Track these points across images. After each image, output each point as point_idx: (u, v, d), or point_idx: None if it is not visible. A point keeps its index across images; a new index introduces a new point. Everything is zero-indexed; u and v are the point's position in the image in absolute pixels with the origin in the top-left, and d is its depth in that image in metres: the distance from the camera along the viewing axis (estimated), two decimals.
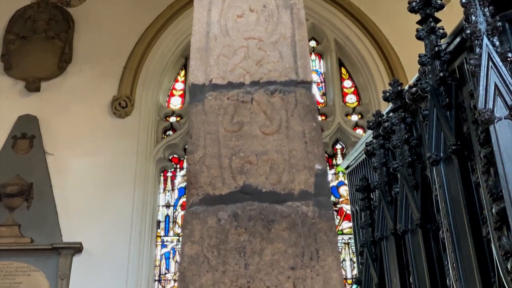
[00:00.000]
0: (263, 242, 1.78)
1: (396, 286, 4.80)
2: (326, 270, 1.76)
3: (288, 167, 1.89)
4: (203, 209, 1.83)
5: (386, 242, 5.04)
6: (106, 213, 10.24)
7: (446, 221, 3.77)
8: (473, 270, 3.43)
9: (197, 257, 1.78)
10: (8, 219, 10.18)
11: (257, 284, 1.72)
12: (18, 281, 9.87)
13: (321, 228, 1.81)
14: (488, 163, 3.20)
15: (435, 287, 4.17)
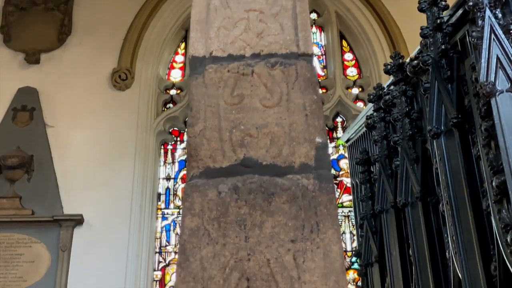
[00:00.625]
0: (263, 215, 1.78)
1: (395, 259, 4.83)
2: (326, 243, 1.76)
3: (288, 140, 1.89)
4: (204, 182, 1.83)
5: (386, 215, 5.05)
6: (106, 185, 10.26)
7: (446, 194, 3.77)
8: (473, 243, 3.44)
9: (197, 229, 1.78)
10: (9, 191, 10.20)
11: (257, 256, 1.73)
12: (19, 252, 9.92)
13: (322, 201, 1.81)
14: (489, 136, 3.19)
15: (435, 260, 4.19)
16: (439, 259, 4.18)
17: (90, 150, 10.51)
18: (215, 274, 1.72)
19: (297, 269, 1.72)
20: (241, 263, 1.72)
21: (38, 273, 9.84)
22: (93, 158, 10.42)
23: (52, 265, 9.87)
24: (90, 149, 10.51)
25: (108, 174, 10.33)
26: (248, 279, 1.71)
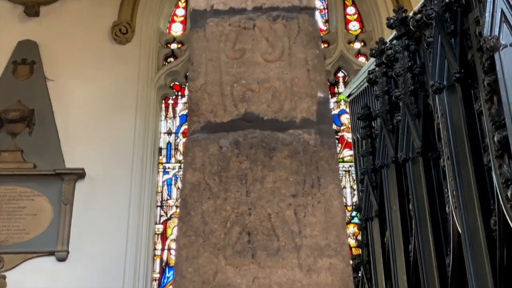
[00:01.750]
0: (264, 170, 1.78)
1: (395, 214, 4.86)
2: (327, 198, 1.76)
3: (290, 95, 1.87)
4: (205, 137, 1.83)
5: (386, 170, 5.06)
6: (108, 139, 10.27)
7: (447, 149, 3.77)
8: (473, 198, 3.45)
9: (198, 184, 1.78)
10: (11, 144, 10.22)
11: (258, 211, 1.73)
12: (22, 205, 9.99)
13: (323, 156, 1.81)
14: (492, 91, 3.17)
15: (435, 214, 4.21)
16: (439, 214, 4.20)
17: (91, 104, 10.49)
18: (216, 228, 1.72)
19: (298, 224, 1.73)
20: (242, 217, 1.73)
21: (40, 226, 9.93)
22: (94, 112, 10.41)
23: (55, 218, 9.95)
24: (91, 103, 10.49)
25: (109, 128, 10.33)
26: (249, 233, 1.71)
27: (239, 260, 1.68)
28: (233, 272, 1.67)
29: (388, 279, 5.08)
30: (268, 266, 1.68)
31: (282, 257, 1.69)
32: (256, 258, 1.69)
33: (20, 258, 9.77)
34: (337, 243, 1.73)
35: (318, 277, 1.68)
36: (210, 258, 1.69)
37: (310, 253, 1.70)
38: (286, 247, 1.70)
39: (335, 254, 1.71)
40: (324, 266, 1.69)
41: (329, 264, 1.70)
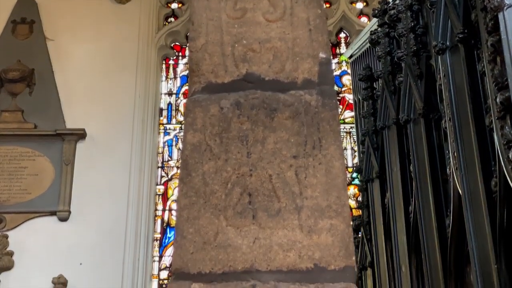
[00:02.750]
0: (265, 131, 1.77)
1: (396, 175, 4.86)
2: (329, 159, 1.76)
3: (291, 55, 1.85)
4: (206, 97, 1.81)
5: (387, 132, 5.05)
6: (108, 100, 10.25)
7: (449, 111, 3.76)
8: (474, 159, 3.45)
9: (199, 145, 1.77)
10: (11, 104, 10.21)
11: (259, 172, 1.73)
12: (23, 165, 10.02)
13: (324, 117, 1.80)
14: (495, 51, 3.14)
15: (435, 175, 4.22)
16: (440, 175, 4.21)
17: (91, 64, 10.43)
18: (217, 189, 1.72)
19: (299, 185, 1.73)
20: (243, 178, 1.72)
21: (42, 186, 9.97)
22: (94, 72, 10.36)
23: (56, 178, 9.98)
24: (91, 63, 10.44)
25: (110, 89, 10.30)
26: (250, 194, 1.71)
27: (240, 221, 1.69)
28: (234, 233, 1.68)
29: (388, 240, 5.11)
30: (269, 227, 1.68)
31: (283, 218, 1.69)
32: (257, 219, 1.69)
33: (22, 217, 9.83)
34: (338, 204, 1.73)
35: (318, 238, 1.68)
36: (211, 219, 1.69)
37: (310, 214, 1.70)
38: (287, 208, 1.70)
39: (335, 215, 1.71)
40: (324, 227, 1.70)
41: (330, 225, 1.70)
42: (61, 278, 9.38)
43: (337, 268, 1.65)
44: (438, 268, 4.02)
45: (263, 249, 1.66)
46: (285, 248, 1.66)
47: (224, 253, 1.65)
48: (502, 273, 3.17)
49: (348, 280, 1.64)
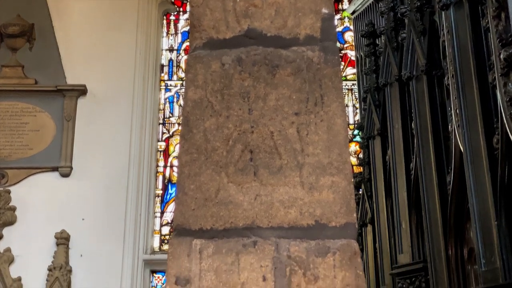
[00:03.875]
0: (267, 88, 1.75)
1: (397, 132, 4.86)
2: (330, 116, 1.74)
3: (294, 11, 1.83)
4: (207, 53, 1.79)
5: (390, 89, 5.03)
6: (109, 56, 10.19)
7: (452, 67, 3.73)
8: (476, 116, 3.44)
9: (200, 101, 1.76)
10: (11, 59, 10.15)
11: (261, 129, 1.72)
12: (24, 121, 10.02)
13: (326, 74, 1.78)
14: (500, 7, 3.11)
15: (437, 132, 4.22)
16: (441, 132, 4.21)
17: (92, 19, 10.33)
18: (219, 146, 1.71)
19: (301, 142, 1.72)
20: (244, 135, 1.72)
21: (43, 142, 9.98)
22: (95, 28, 10.27)
23: (57, 134, 9.99)
24: (92, 19, 10.34)
25: (110, 45, 10.23)
26: (251, 151, 1.70)
27: (242, 178, 1.68)
28: (235, 190, 1.67)
29: (388, 196, 5.14)
30: (270, 183, 1.68)
31: (284, 175, 1.69)
32: (258, 176, 1.68)
33: (24, 173, 9.87)
34: (339, 161, 1.72)
35: (320, 194, 1.68)
36: (212, 175, 1.69)
37: (312, 171, 1.70)
38: (289, 165, 1.70)
39: (337, 172, 1.71)
40: (326, 184, 1.69)
41: (331, 182, 1.69)
42: (63, 233, 9.47)
43: (338, 225, 1.66)
44: (438, 224, 4.05)
45: (264, 206, 1.66)
46: (286, 205, 1.66)
47: (225, 209, 1.66)
48: (502, 229, 3.19)
49: (349, 236, 1.65)
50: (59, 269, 9.26)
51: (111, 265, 9.44)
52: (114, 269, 9.43)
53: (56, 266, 9.29)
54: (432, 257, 4.09)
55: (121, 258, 9.52)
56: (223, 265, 1.60)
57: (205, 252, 1.61)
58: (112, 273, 9.41)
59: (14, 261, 9.45)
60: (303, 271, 1.60)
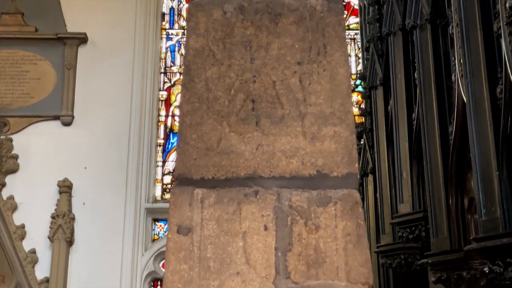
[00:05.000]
0: (269, 36, 1.73)
1: (400, 82, 4.84)
2: (333, 65, 1.73)
3: None
4: (208, 1, 1.76)
5: (393, 38, 4.99)
6: (109, 4, 10.08)
7: (457, 16, 3.69)
8: (480, 66, 3.41)
9: (202, 50, 1.74)
10: (11, 7, 10.05)
11: (263, 78, 1.70)
12: (25, 69, 9.98)
13: (330, 23, 1.75)
14: None
15: (440, 82, 4.19)
16: (445, 82, 4.18)
17: None
18: (220, 95, 1.70)
19: (303, 91, 1.70)
20: (246, 84, 1.70)
21: (44, 90, 9.96)
22: None
23: (58, 82, 9.96)
24: None
25: None
26: (253, 100, 1.69)
27: (243, 128, 1.68)
28: (237, 139, 1.67)
29: (390, 146, 5.14)
30: (272, 133, 1.67)
31: (286, 125, 1.68)
32: (260, 126, 1.68)
33: (26, 121, 9.87)
34: (341, 111, 1.71)
35: (322, 145, 1.67)
36: (214, 125, 1.68)
37: (314, 121, 1.69)
38: (290, 115, 1.69)
39: (339, 122, 1.70)
40: (328, 134, 1.69)
41: (333, 132, 1.69)
42: (66, 181, 9.52)
43: (339, 175, 1.66)
44: (439, 174, 4.06)
45: (266, 155, 1.65)
46: (288, 155, 1.66)
47: (227, 159, 1.65)
48: (503, 179, 3.20)
49: (350, 186, 1.65)
50: (62, 217, 9.34)
51: (113, 213, 9.52)
52: (117, 218, 9.52)
53: (59, 214, 9.37)
54: (432, 207, 4.11)
55: (123, 207, 9.60)
56: (225, 214, 1.61)
57: (206, 202, 1.62)
58: (115, 222, 9.50)
59: (18, 208, 9.53)
60: (304, 220, 1.61)
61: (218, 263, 1.57)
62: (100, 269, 9.30)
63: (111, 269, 9.31)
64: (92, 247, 9.40)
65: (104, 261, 9.33)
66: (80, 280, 9.24)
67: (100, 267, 9.31)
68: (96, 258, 9.35)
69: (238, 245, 1.58)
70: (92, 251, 9.39)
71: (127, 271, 9.39)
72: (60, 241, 9.27)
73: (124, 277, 9.36)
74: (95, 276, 9.24)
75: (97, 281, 9.21)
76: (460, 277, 3.71)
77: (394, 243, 5.07)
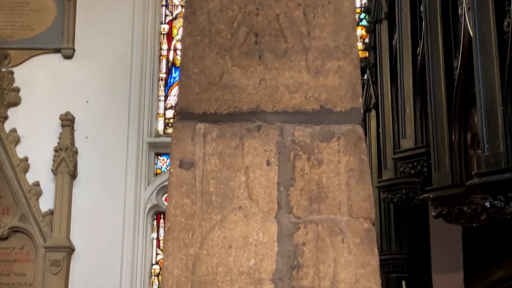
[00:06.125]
0: None
1: (405, 15, 4.77)
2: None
3: None
4: None
5: None
6: None
7: None
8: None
9: None
10: None
11: (266, 11, 1.67)
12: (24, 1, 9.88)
13: None
14: None
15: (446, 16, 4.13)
16: (451, 16, 4.11)
17: None
18: (223, 29, 1.67)
19: (307, 25, 1.67)
20: (249, 17, 1.67)
21: (45, 22, 9.86)
22: None
23: (59, 14, 9.85)
24: None
25: None
26: (256, 34, 1.67)
27: (246, 62, 1.65)
28: (239, 74, 1.65)
29: (393, 81, 5.11)
30: (275, 68, 1.65)
31: (290, 59, 1.66)
32: (263, 60, 1.65)
33: (27, 54, 9.80)
34: (346, 45, 1.69)
35: (325, 79, 1.65)
36: (216, 59, 1.66)
37: (318, 55, 1.67)
38: (294, 49, 1.66)
39: (343, 57, 1.68)
40: (332, 69, 1.67)
41: (337, 67, 1.67)
42: (68, 115, 9.52)
43: (343, 110, 1.64)
44: (443, 109, 4.04)
45: (269, 90, 1.64)
46: (291, 90, 1.64)
47: (229, 93, 1.64)
48: (507, 114, 3.18)
49: (354, 122, 1.64)
50: (65, 150, 9.38)
51: (116, 147, 9.56)
52: (119, 152, 9.56)
53: (62, 147, 9.41)
54: (435, 142, 4.11)
55: (126, 141, 9.63)
56: (227, 149, 1.60)
57: (209, 136, 1.61)
58: (117, 156, 9.54)
59: (20, 141, 9.57)
60: (307, 155, 1.60)
61: (221, 198, 1.57)
62: (103, 202, 9.40)
63: (114, 203, 9.41)
64: (95, 181, 9.48)
65: (107, 195, 9.42)
66: (84, 213, 9.34)
67: (104, 201, 9.40)
68: (99, 191, 9.44)
69: (241, 180, 1.58)
70: (95, 184, 9.47)
71: (130, 204, 9.49)
72: (63, 174, 9.34)
73: (128, 210, 9.46)
74: (99, 209, 9.35)
75: (101, 214, 9.33)
76: (460, 212, 3.74)
77: (396, 178, 5.09)
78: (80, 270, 9.20)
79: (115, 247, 9.28)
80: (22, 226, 9.30)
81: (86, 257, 9.25)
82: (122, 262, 9.29)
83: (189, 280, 1.52)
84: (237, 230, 1.55)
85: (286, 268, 1.52)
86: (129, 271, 9.29)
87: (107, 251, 9.23)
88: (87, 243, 9.27)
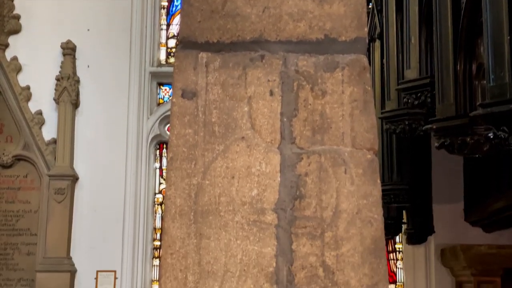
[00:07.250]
0: None
1: None
2: None
3: None
4: None
5: None
6: None
7: None
8: None
9: None
10: None
11: None
12: None
13: None
14: None
15: None
16: None
17: None
18: None
19: None
20: None
21: None
22: None
23: None
24: None
25: None
26: None
27: None
28: (242, 1, 1.61)
29: (399, 11, 5.02)
30: None
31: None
32: None
33: None
34: None
35: (330, 8, 1.62)
36: None
37: None
38: None
39: None
40: None
41: None
42: (69, 43, 9.43)
43: (348, 39, 1.61)
44: (449, 39, 3.98)
45: (273, 18, 1.60)
46: (296, 18, 1.61)
47: (232, 22, 1.61)
48: None
49: (358, 51, 1.61)
50: (67, 79, 9.34)
51: (118, 77, 9.51)
52: (122, 81, 9.52)
53: (63, 76, 9.36)
54: (440, 72, 4.06)
55: (128, 71, 9.57)
56: (230, 79, 1.58)
57: (211, 66, 1.59)
58: (120, 85, 9.51)
59: (22, 70, 9.52)
60: (310, 86, 1.58)
61: (223, 128, 1.56)
62: (106, 132, 9.42)
63: (117, 132, 9.43)
64: (98, 110, 9.48)
65: (110, 124, 9.43)
66: (87, 142, 9.38)
67: (106, 130, 9.43)
68: (101, 120, 9.45)
69: (243, 110, 1.57)
70: (97, 114, 9.47)
71: (133, 134, 9.51)
72: (66, 103, 9.32)
73: (130, 140, 9.49)
74: (102, 139, 9.38)
75: (104, 143, 9.36)
76: (463, 142, 3.73)
77: (399, 109, 5.06)
78: (84, 198, 9.31)
79: (118, 176, 9.35)
80: (25, 154, 9.36)
81: (90, 185, 9.34)
82: (126, 191, 9.38)
83: (192, 210, 1.53)
84: (240, 160, 1.54)
85: (289, 198, 1.52)
86: (133, 200, 9.40)
87: (110, 180, 9.32)
88: (91, 172, 9.35)
